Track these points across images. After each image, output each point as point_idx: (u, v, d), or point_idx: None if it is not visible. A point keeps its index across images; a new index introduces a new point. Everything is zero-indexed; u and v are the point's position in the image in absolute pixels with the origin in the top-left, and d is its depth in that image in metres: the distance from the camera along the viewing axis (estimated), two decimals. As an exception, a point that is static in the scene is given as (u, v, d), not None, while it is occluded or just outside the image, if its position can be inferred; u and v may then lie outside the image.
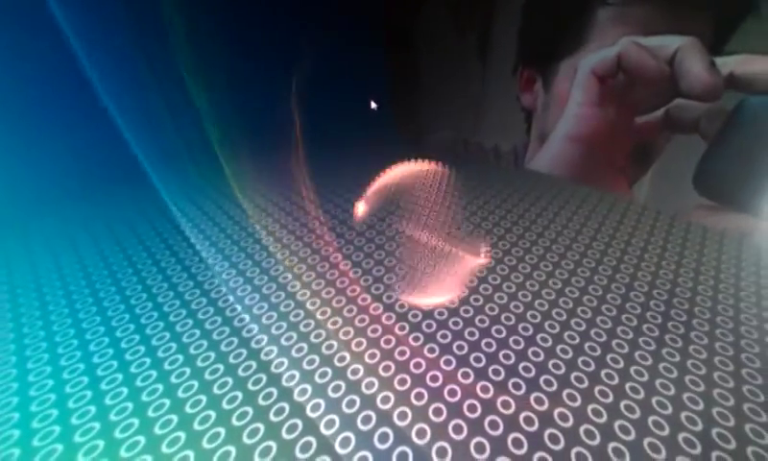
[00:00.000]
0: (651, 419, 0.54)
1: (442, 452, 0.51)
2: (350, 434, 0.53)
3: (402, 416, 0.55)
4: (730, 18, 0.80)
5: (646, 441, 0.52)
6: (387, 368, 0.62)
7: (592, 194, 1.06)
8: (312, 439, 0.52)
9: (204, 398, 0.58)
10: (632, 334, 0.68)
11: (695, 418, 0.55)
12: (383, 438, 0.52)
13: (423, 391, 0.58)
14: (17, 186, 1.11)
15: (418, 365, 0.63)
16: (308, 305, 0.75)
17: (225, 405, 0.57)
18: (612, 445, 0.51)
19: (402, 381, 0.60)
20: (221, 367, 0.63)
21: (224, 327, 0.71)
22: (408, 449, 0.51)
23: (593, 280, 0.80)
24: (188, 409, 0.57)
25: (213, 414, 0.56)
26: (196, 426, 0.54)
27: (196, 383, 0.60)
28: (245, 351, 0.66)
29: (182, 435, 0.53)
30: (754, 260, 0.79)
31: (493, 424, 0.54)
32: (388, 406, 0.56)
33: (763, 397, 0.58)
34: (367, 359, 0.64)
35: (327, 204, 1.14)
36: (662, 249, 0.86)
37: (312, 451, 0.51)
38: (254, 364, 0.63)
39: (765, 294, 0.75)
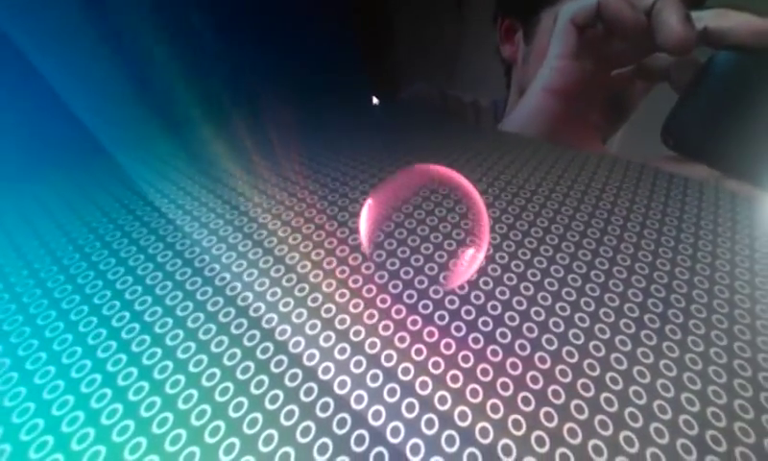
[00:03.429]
0: (613, 356, 0.61)
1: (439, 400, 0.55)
2: (362, 391, 0.56)
3: (406, 371, 0.58)
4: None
5: (609, 377, 0.58)
6: (371, 315, 0.64)
7: (566, 152, 1.07)
8: (317, 387, 0.55)
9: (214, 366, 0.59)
10: (603, 278, 0.73)
11: (649, 353, 0.62)
12: (391, 393, 0.56)
13: (422, 347, 0.62)
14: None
15: (414, 322, 0.65)
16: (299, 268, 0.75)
17: (239, 375, 0.58)
18: (582, 384, 0.57)
19: (386, 327, 0.63)
20: (225, 338, 0.63)
21: (216, 297, 0.70)
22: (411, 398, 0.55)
23: (571, 226, 0.84)
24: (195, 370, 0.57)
25: (231, 385, 0.57)
26: (217, 398, 0.55)
27: (207, 357, 0.61)
28: (222, 299, 0.66)
29: (208, 408, 0.54)
30: (712, 209, 0.85)
31: (472, 371, 0.58)
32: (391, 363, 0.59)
33: (705, 328, 0.66)
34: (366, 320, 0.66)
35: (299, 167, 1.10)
36: (631, 201, 0.91)
37: (331, 410, 0.53)
38: (234, 313, 0.64)
39: (720, 231, 0.82)
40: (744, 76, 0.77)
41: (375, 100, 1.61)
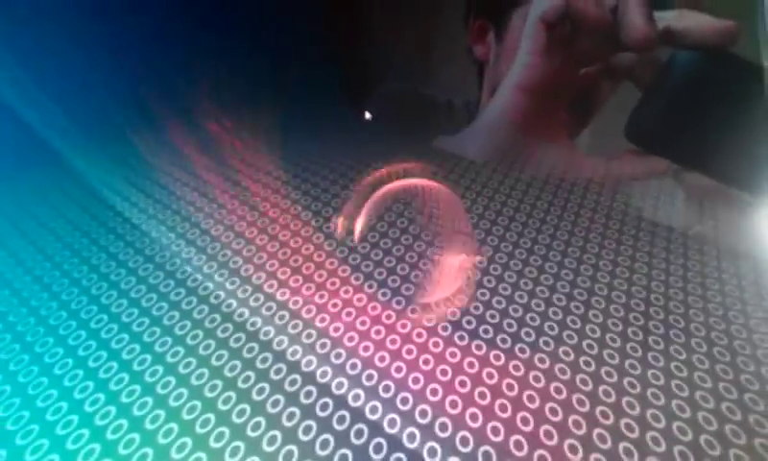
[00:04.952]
0: (586, 342, 0.59)
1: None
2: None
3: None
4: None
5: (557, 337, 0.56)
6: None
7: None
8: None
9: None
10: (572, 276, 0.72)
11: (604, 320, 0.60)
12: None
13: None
14: None
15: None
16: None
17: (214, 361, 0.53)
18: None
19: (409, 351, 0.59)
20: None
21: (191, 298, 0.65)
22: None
23: (538, 240, 0.83)
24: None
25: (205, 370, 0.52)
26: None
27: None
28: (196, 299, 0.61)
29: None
30: (669, 199, 0.87)
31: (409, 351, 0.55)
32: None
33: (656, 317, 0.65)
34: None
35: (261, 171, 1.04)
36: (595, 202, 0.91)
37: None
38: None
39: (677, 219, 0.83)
40: (703, 74, 0.79)
41: (368, 115, 1.52)
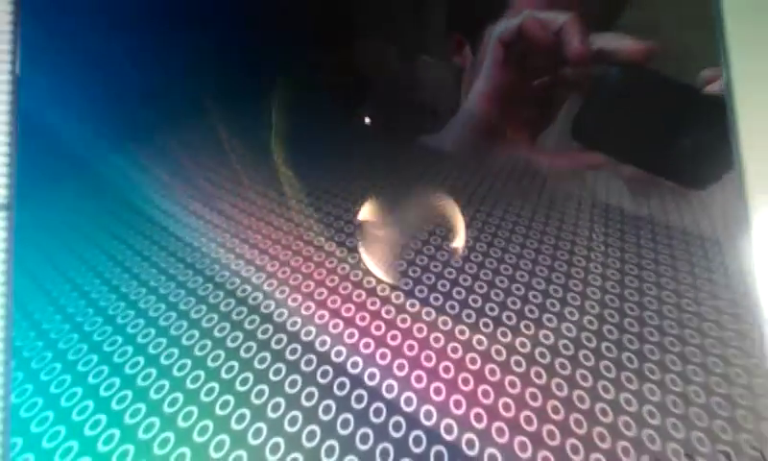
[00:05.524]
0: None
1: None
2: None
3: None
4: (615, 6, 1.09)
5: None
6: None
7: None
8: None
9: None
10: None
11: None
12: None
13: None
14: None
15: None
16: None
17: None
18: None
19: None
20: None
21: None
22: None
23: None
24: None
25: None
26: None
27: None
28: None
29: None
30: (603, 190, 1.04)
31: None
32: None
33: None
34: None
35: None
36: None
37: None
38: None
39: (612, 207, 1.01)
40: (629, 85, 0.99)
41: (367, 120, 1.56)
